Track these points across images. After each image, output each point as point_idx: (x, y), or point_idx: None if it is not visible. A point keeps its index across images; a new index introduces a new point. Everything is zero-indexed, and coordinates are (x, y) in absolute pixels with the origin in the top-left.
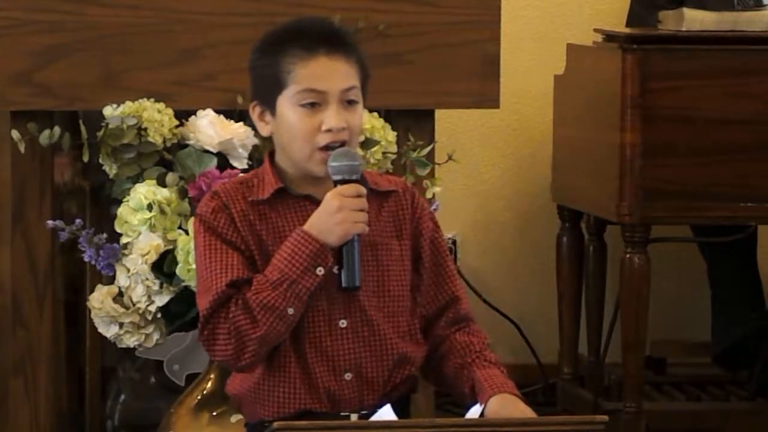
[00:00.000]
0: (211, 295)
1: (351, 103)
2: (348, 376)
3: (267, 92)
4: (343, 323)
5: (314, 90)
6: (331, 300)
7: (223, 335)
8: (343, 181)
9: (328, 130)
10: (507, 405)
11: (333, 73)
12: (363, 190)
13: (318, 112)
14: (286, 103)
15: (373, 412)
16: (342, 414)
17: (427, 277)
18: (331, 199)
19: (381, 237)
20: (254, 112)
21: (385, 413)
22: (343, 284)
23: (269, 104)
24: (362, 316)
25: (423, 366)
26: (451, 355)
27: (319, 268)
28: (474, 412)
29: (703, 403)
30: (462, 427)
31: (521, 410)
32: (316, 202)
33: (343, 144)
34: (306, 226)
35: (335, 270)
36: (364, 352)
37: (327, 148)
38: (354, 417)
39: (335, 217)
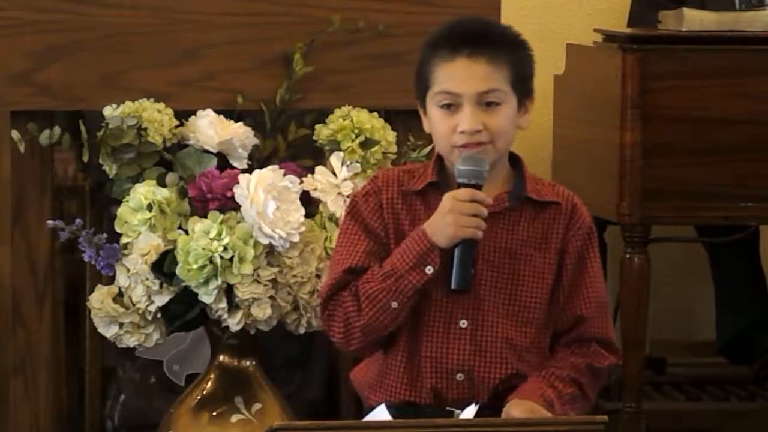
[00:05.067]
0: (330, 278)
1: (490, 104)
2: (460, 376)
3: (420, 91)
4: (463, 323)
5: (449, 92)
6: (455, 298)
7: (337, 319)
8: (465, 185)
9: (462, 132)
10: (515, 406)
11: (470, 76)
12: (480, 195)
13: (454, 113)
14: (431, 102)
15: (484, 409)
16: (448, 409)
17: (563, 295)
18: (444, 200)
19: (524, 246)
20: (419, 108)
21: (381, 413)
22: (451, 286)
23: (422, 102)
24: (484, 319)
25: None
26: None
27: (428, 267)
28: (468, 412)
29: (703, 403)
30: (462, 428)
31: (527, 411)
32: None
33: (481, 144)
34: (425, 224)
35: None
36: (479, 357)
37: (464, 147)
38: (458, 413)
39: (445, 219)
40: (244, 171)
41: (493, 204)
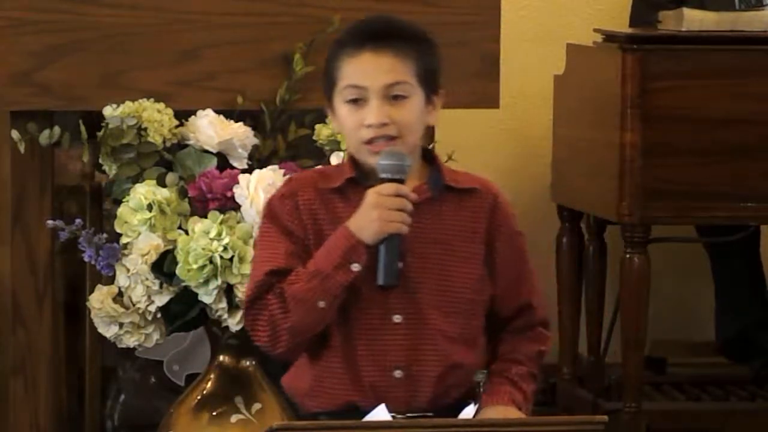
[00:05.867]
0: (252, 282)
1: (397, 98)
2: (398, 373)
3: (327, 89)
4: (397, 318)
5: (355, 86)
6: (388, 293)
7: (261, 323)
8: (388, 180)
9: (369, 126)
10: (491, 411)
11: (375, 69)
12: (404, 190)
13: (361, 108)
14: (338, 99)
15: (424, 414)
16: (390, 414)
17: (502, 283)
18: (368, 196)
19: (450, 235)
20: (327, 109)
21: (380, 413)
22: (379, 282)
23: (330, 101)
24: (417, 312)
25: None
26: (493, 360)
27: (355, 265)
28: (467, 412)
29: (703, 403)
30: (462, 428)
31: (503, 415)
32: None
33: (392, 138)
34: (349, 221)
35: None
36: (416, 351)
37: (371, 142)
38: (399, 418)
39: (370, 214)
40: (244, 171)
41: (415, 195)
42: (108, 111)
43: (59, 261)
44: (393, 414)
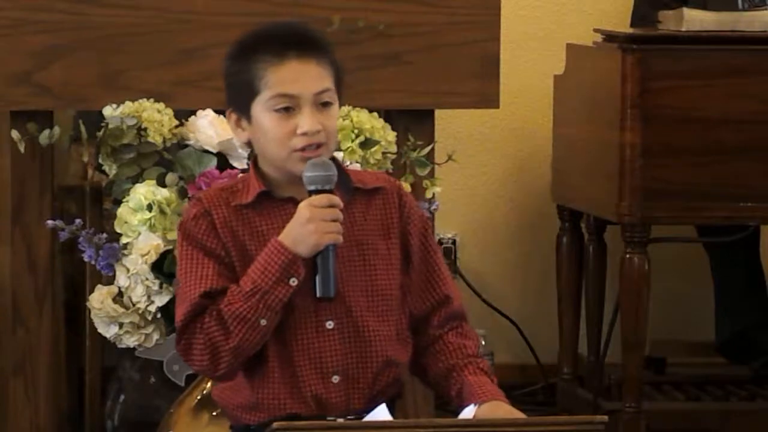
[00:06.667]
0: (185, 306)
1: (326, 105)
2: (335, 378)
3: (241, 99)
4: (330, 324)
5: (287, 95)
6: (319, 301)
7: (198, 346)
8: (317, 191)
9: (304, 134)
10: (497, 410)
11: (305, 77)
12: (336, 200)
13: (292, 116)
14: (260, 108)
15: (360, 416)
16: (329, 418)
17: (417, 277)
18: (302, 209)
19: (368, 236)
20: (230, 119)
21: (381, 413)
22: (318, 294)
23: (244, 111)
24: (348, 317)
25: (412, 364)
26: (442, 356)
27: (293, 279)
28: (468, 412)
29: (703, 403)
30: (462, 428)
31: (511, 414)
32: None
33: (320, 145)
34: (281, 236)
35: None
36: (351, 354)
37: (304, 149)
38: (341, 421)
39: (306, 227)
40: (244, 171)
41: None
42: (108, 111)
43: (59, 261)
44: (332, 417)
